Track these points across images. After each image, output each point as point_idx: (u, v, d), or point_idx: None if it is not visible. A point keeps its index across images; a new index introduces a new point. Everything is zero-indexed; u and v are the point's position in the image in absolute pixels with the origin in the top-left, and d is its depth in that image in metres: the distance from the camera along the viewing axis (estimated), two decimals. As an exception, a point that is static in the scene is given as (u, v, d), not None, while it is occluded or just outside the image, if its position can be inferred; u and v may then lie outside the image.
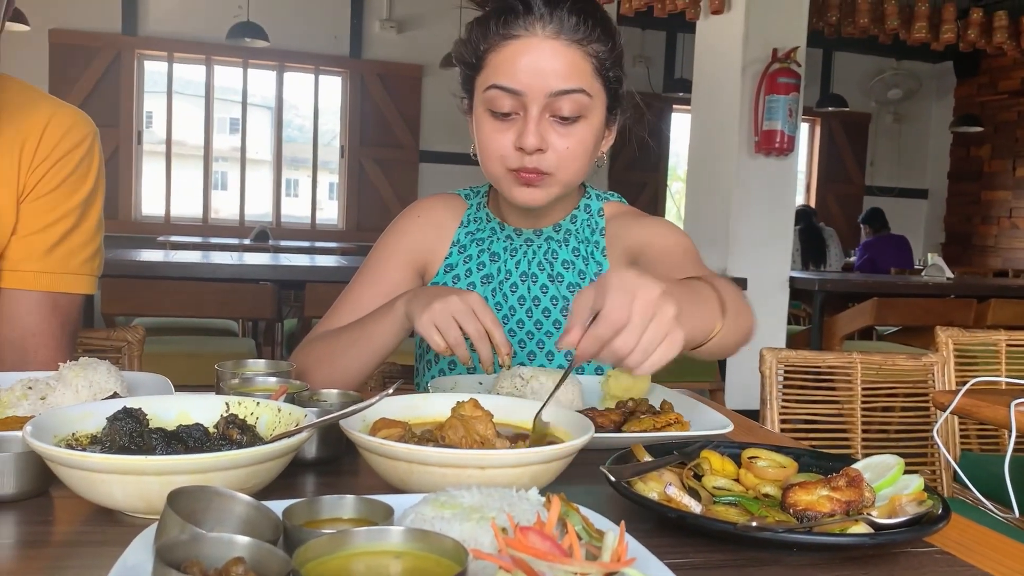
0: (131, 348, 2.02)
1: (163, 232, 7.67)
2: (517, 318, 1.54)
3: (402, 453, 0.82)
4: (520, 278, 1.55)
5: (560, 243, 1.56)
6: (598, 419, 1.18)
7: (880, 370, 2.49)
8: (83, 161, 1.54)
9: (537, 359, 1.52)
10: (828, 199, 10.18)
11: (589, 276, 1.55)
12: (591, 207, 1.59)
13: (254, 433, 0.91)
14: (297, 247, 6.90)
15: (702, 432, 1.16)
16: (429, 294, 1.27)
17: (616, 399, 1.33)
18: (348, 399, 1.18)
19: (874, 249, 8.22)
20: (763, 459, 1.02)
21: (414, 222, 1.60)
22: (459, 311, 1.22)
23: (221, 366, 1.28)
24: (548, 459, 0.85)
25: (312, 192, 8.57)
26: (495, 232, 1.58)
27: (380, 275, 1.55)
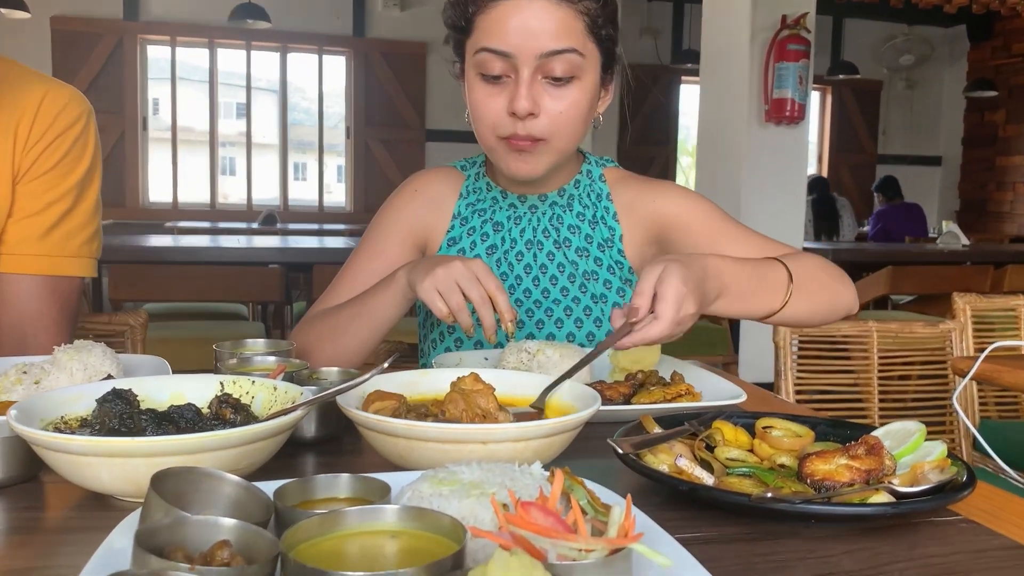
0: (134, 332, 2.00)
1: (171, 218, 7.65)
2: (524, 287, 1.50)
3: (400, 429, 0.79)
4: (525, 246, 1.52)
5: (564, 208, 1.53)
6: (607, 392, 1.14)
7: (897, 338, 2.44)
8: (78, 141, 1.51)
9: (545, 328, 1.49)
10: (840, 169, 10.07)
11: (597, 240, 1.51)
12: (592, 172, 1.56)
13: (248, 412, 0.88)
14: (305, 230, 6.88)
15: (714, 403, 1.12)
16: (431, 261, 1.24)
17: (625, 371, 1.30)
18: (348, 377, 1.15)
19: (887, 218, 8.14)
20: (778, 428, 0.98)
21: (411, 197, 1.56)
22: (462, 276, 1.19)
23: (219, 346, 1.25)
24: (553, 432, 0.81)
25: (319, 175, 8.53)
26: (497, 201, 1.54)
27: (378, 251, 1.51)
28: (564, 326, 1.49)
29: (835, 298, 1.35)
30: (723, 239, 1.43)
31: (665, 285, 1.06)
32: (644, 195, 1.51)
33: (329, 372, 1.16)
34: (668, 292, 1.06)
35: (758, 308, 1.24)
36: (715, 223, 1.46)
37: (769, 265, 1.28)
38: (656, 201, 1.50)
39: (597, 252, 1.51)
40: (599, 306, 1.49)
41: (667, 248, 1.49)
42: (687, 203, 1.49)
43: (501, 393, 1.00)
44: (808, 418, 1.00)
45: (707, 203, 1.50)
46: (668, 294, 1.06)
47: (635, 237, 1.51)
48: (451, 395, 0.88)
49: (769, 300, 1.25)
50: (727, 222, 1.47)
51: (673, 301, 1.05)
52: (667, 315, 1.05)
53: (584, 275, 1.50)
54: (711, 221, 1.46)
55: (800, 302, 1.27)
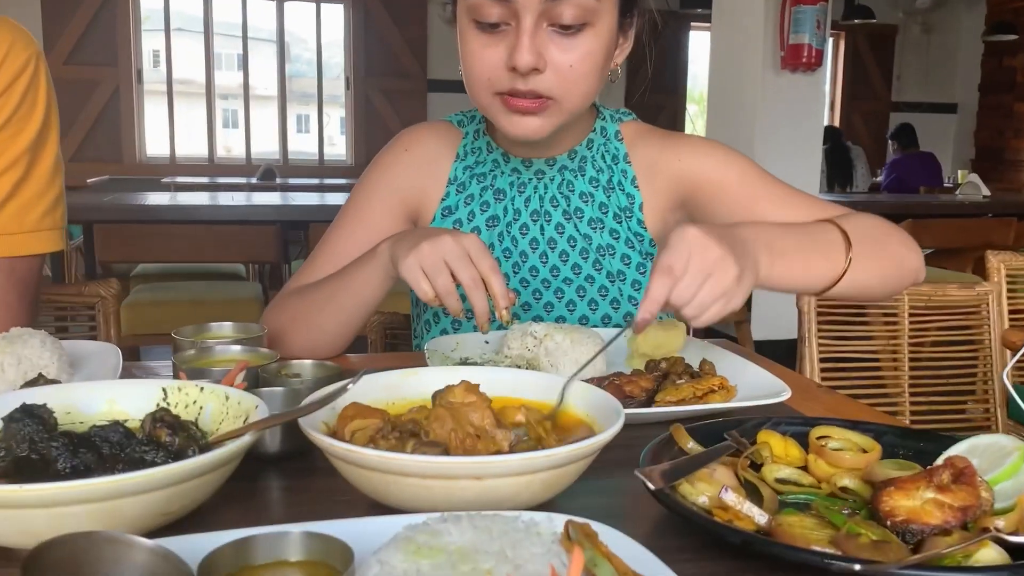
0: (106, 304, 1.84)
1: (168, 173, 7.46)
2: (530, 264, 1.32)
3: (374, 462, 0.63)
4: (531, 218, 1.32)
5: (575, 173, 1.33)
6: (626, 387, 0.97)
7: (930, 301, 2.27)
8: (27, 94, 1.32)
9: (555, 311, 1.31)
10: (853, 117, 9.79)
11: (613, 209, 1.32)
12: (607, 130, 1.35)
13: (189, 434, 0.71)
14: (305, 185, 6.67)
15: (754, 402, 0.95)
16: (418, 234, 1.07)
17: (645, 358, 1.13)
18: (325, 373, 0.98)
19: (901, 168, 7.90)
20: (836, 439, 0.81)
21: (400, 157, 1.37)
22: (451, 254, 1.02)
23: (178, 333, 1.09)
24: (563, 462, 0.65)
25: (319, 127, 8.30)
26: (498, 165, 1.35)
27: (361, 219, 1.33)
28: (576, 309, 1.31)
29: (901, 263, 1.18)
30: (764, 202, 1.25)
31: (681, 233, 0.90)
32: (667, 153, 1.31)
33: (302, 366, 0.99)
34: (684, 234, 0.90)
35: (814, 276, 1.07)
36: (753, 183, 1.27)
37: (820, 228, 1.11)
38: (682, 159, 1.30)
39: (613, 223, 1.32)
40: (616, 285, 1.31)
41: (696, 214, 1.30)
42: (719, 160, 1.29)
43: (500, 395, 0.84)
44: (870, 425, 0.84)
45: (742, 159, 1.30)
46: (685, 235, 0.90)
47: (658, 204, 1.32)
48: (437, 411, 0.71)
49: (826, 267, 1.07)
50: (767, 181, 1.28)
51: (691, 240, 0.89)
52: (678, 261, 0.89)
53: (598, 250, 1.31)
54: (748, 180, 1.27)
55: (862, 268, 1.09)
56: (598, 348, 1.07)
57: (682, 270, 0.88)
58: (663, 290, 0.88)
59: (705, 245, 0.89)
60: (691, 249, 0.89)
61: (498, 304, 1.03)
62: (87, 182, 6.41)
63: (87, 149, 7.55)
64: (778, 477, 0.77)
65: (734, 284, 0.90)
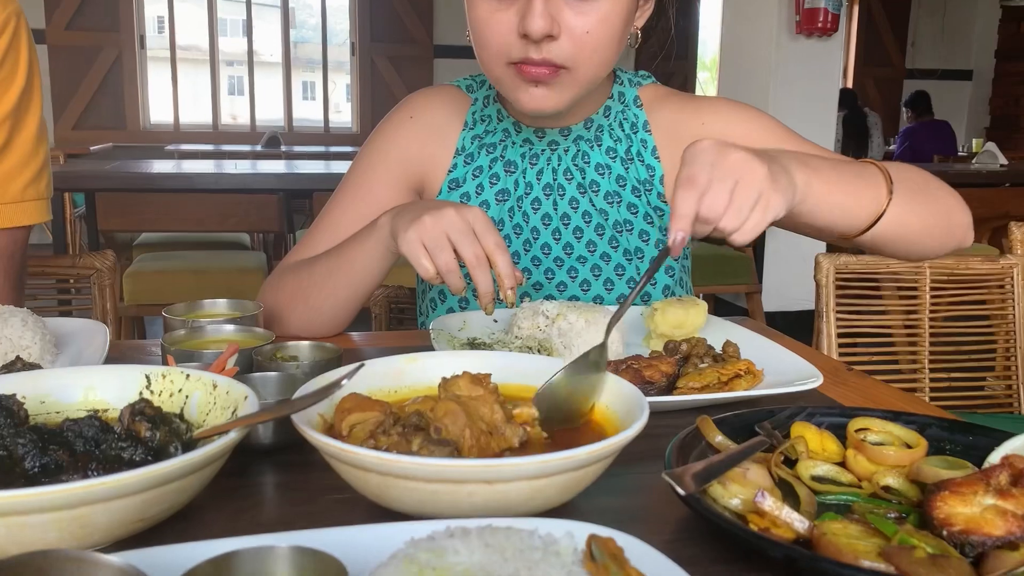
0: (101, 276, 1.77)
1: (172, 140, 7.37)
2: (542, 242, 1.24)
3: (373, 463, 0.56)
4: (544, 192, 1.25)
5: (591, 143, 1.25)
6: (645, 371, 0.91)
7: (952, 275, 2.20)
8: (7, 56, 1.25)
9: (568, 291, 1.24)
10: (866, 84, 9.62)
11: (631, 182, 1.24)
12: (625, 95, 1.27)
13: (172, 428, 0.65)
14: (310, 152, 6.59)
15: (781, 389, 0.89)
16: (420, 207, 1.00)
17: (664, 338, 1.06)
18: (324, 355, 0.92)
19: (915, 136, 7.77)
20: (876, 432, 0.75)
21: (404, 125, 1.29)
22: (455, 228, 0.95)
23: (169, 311, 1.03)
24: (581, 464, 0.58)
25: (324, 94, 8.18)
26: (509, 135, 1.27)
27: (363, 191, 1.25)
28: (591, 289, 1.24)
29: (949, 215, 1.08)
30: None
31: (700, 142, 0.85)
32: (688, 116, 1.24)
33: (299, 348, 0.93)
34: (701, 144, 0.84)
35: (854, 206, 0.97)
36: (782, 143, 1.19)
37: (860, 163, 1.02)
38: (705, 123, 1.22)
39: (631, 197, 1.24)
40: (633, 264, 1.24)
41: None
42: (744, 121, 1.21)
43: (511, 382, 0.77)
44: (913, 416, 0.77)
45: (767, 118, 1.22)
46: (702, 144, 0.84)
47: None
48: (446, 405, 0.65)
49: (867, 196, 0.98)
50: (797, 142, 1.20)
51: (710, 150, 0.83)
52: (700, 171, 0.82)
53: (615, 226, 1.24)
54: (778, 142, 1.19)
55: (907, 209, 1.00)
56: (616, 332, 1.00)
57: (707, 179, 0.81)
58: (690, 202, 0.80)
59: (724, 150, 0.82)
60: (711, 157, 0.82)
61: (503, 284, 0.96)
62: (90, 149, 6.34)
63: (90, 116, 7.46)
64: (815, 475, 0.70)
65: (767, 183, 0.82)
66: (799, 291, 4.88)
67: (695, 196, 0.81)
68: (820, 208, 0.93)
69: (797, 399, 0.89)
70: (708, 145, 0.83)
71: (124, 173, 3.82)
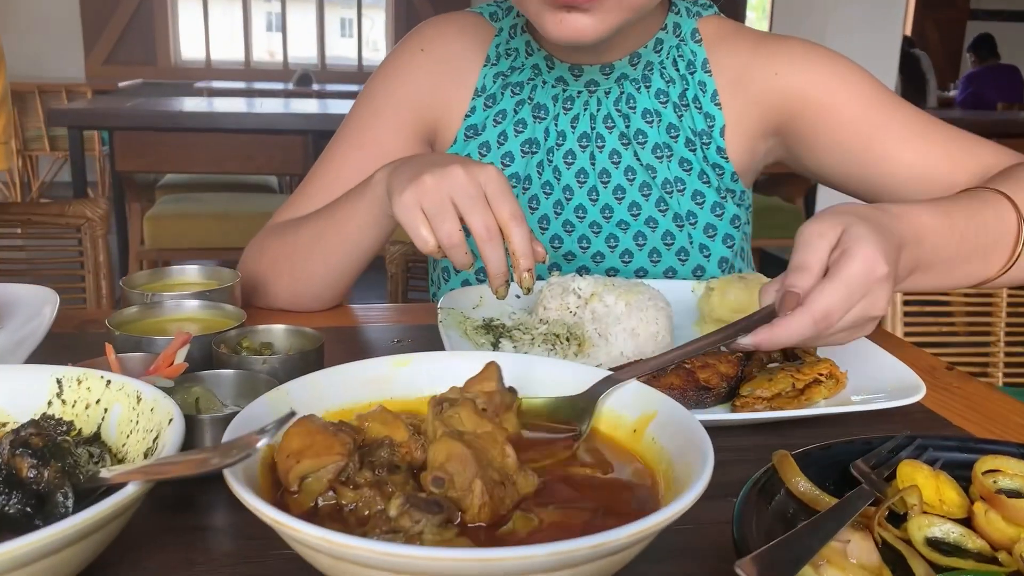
0: (92, 227, 1.62)
1: (203, 78, 7.20)
2: (576, 203, 1.05)
3: (319, 544, 0.39)
4: (579, 143, 1.05)
5: (639, 84, 1.04)
6: (700, 373, 0.73)
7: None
8: None
9: (606, 262, 1.05)
10: (927, 26, 9.15)
11: (685, 133, 1.04)
12: (681, 28, 1.05)
13: (64, 464, 0.48)
14: (342, 92, 6.37)
15: (875, 404, 0.70)
16: (420, 162, 0.81)
17: (721, 324, 0.88)
18: (302, 344, 0.75)
19: (979, 81, 7.35)
20: (1011, 475, 0.56)
21: (414, 60, 1.09)
22: (461, 191, 0.76)
23: (127, 282, 0.86)
24: (616, 549, 0.41)
25: (358, 31, 7.93)
26: (539, 72, 1.06)
27: (365, 138, 1.06)
28: (633, 260, 1.05)
29: None
30: (888, 136, 0.97)
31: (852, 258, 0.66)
32: (760, 61, 1.02)
33: (271, 333, 0.76)
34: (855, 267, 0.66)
35: (963, 280, 0.85)
36: (874, 107, 0.98)
37: (990, 207, 0.82)
38: (780, 72, 1.01)
39: (685, 151, 1.04)
40: (685, 231, 1.04)
41: (794, 147, 1.03)
42: (830, 74, 1.00)
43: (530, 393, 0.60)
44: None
45: (859, 72, 1.01)
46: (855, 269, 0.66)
47: (744, 128, 1.04)
48: (447, 445, 0.47)
49: (982, 268, 0.84)
50: (893, 105, 0.99)
51: (861, 279, 0.66)
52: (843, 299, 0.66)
53: (664, 185, 1.04)
54: (868, 103, 0.98)
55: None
56: (662, 316, 0.82)
57: (841, 314, 0.67)
58: (807, 330, 0.66)
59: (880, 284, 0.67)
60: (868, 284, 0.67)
61: (517, 265, 0.77)
62: (118, 86, 6.20)
63: (120, 52, 7.31)
64: (931, 537, 0.52)
65: (882, 311, 0.69)
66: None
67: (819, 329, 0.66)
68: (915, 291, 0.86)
69: (893, 417, 0.71)
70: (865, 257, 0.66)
71: (144, 112, 3.66)
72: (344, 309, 1.03)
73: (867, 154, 0.97)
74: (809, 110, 1.00)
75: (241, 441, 0.42)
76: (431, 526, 0.43)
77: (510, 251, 0.77)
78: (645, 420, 0.56)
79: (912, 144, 0.97)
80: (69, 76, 6.90)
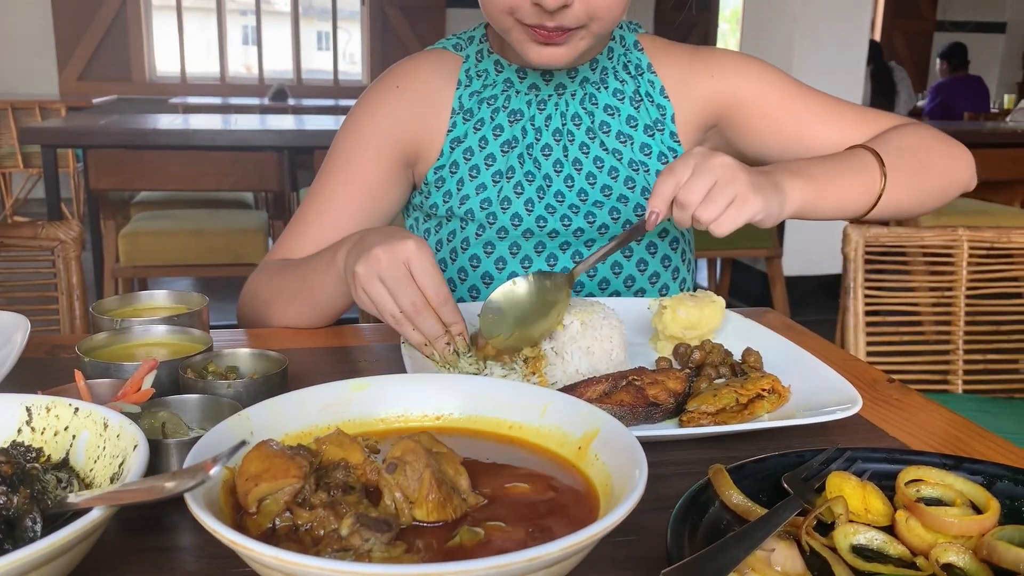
0: (66, 249, 1.64)
1: (179, 93, 7.20)
2: (555, 189, 1.15)
3: (270, 562, 0.42)
4: (553, 137, 1.15)
5: (598, 85, 1.17)
6: (649, 390, 0.76)
7: (992, 249, 2.02)
8: None
9: (585, 235, 1.15)
10: (895, 36, 9.29)
11: (643, 122, 1.17)
12: (625, 39, 1.20)
13: (34, 491, 0.51)
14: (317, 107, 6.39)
15: (813, 418, 0.74)
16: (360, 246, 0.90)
17: (674, 340, 0.91)
18: (267, 368, 0.78)
19: (947, 91, 7.47)
20: (932, 484, 0.60)
21: (390, 95, 1.17)
22: (386, 273, 0.85)
23: (97, 308, 0.88)
24: (547, 563, 0.44)
25: (333, 45, 7.96)
26: (511, 85, 1.16)
27: (353, 170, 1.14)
28: (609, 231, 1.16)
29: (947, 176, 1.13)
30: (809, 118, 1.14)
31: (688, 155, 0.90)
32: (698, 67, 1.18)
33: (238, 358, 0.79)
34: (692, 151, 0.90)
35: (848, 198, 1.03)
36: (795, 98, 1.15)
37: (850, 153, 1.07)
38: (715, 75, 1.17)
39: (644, 136, 1.17)
40: None
41: (733, 138, 1.19)
42: (755, 75, 1.17)
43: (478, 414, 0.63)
44: (978, 464, 0.62)
45: (778, 73, 1.18)
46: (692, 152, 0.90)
47: (691, 118, 1.18)
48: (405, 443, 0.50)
49: (860, 187, 1.03)
50: (810, 95, 1.16)
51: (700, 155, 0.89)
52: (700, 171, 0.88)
53: (631, 164, 1.16)
54: (789, 95, 1.15)
55: (900, 188, 1.05)
56: (615, 333, 0.86)
57: (687, 172, 0.87)
58: (669, 186, 0.87)
59: (709, 154, 0.88)
60: (695, 158, 0.88)
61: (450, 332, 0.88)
62: (92, 102, 6.18)
63: (94, 68, 7.28)
64: (856, 544, 0.56)
65: (745, 187, 0.87)
66: (821, 255, 4.71)
67: (673, 182, 0.87)
68: (818, 210, 0.99)
69: (831, 429, 0.75)
70: (697, 150, 0.89)
71: (118, 129, 3.66)
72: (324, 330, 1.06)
73: (793, 134, 1.14)
74: (743, 106, 1.16)
75: (196, 468, 0.45)
76: (380, 544, 0.46)
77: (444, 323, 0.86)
78: (588, 437, 0.59)
79: (828, 122, 1.14)
80: (43, 92, 6.88)
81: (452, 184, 1.14)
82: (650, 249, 1.17)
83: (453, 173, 1.14)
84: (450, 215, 1.14)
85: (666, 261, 1.19)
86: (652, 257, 1.17)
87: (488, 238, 1.13)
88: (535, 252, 1.14)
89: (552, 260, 1.15)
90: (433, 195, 1.16)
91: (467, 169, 1.14)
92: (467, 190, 1.13)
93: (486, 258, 1.14)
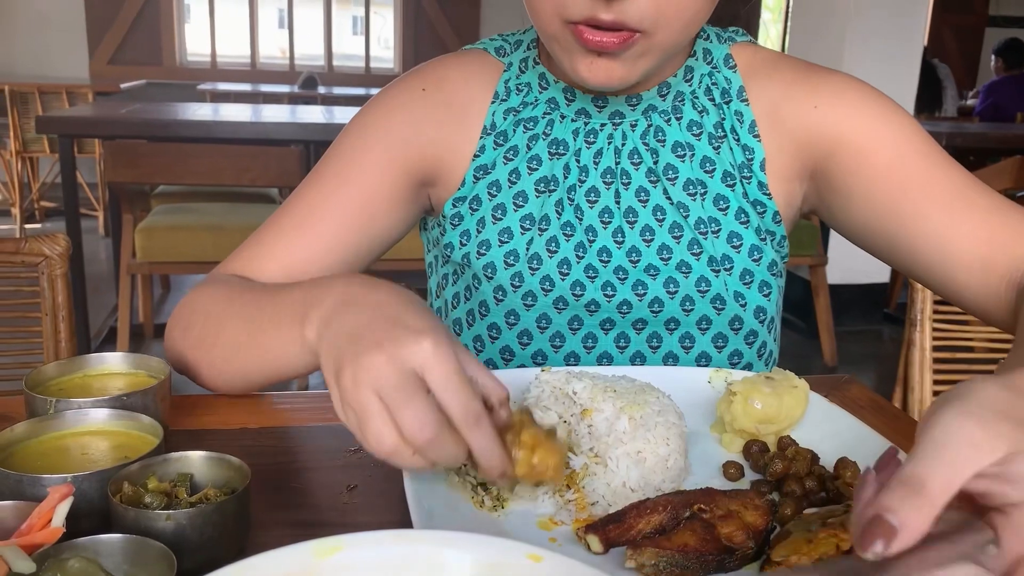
0: (51, 265, 1.48)
1: (208, 78, 7.09)
2: (600, 245, 0.91)
3: None
4: (603, 179, 0.92)
5: (668, 116, 0.92)
6: (721, 528, 0.58)
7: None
8: None
9: (633, 312, 0.91)
10: (943, 32, 8.96)
11: (722, 167, 0.92)
12: (712, 54, 0.94)
13: None
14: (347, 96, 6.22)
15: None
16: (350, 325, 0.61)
17: (745, 436, 0.73)
18: (228, 475, 0.61)
19: (1000, 91, 7.13)
20: None
21: (413, 97, 0.95)
22: (386, 385, 0.55)
23: (31, 381, 0.72)
24: None
25: (365, 32, 7.79)
26: (556, 107, 0.94)
27: (349, 175, 0.91)
28: (664, 309, 0.91)
29: None
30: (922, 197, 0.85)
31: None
32: (802, 93, 0.91)
33: (192, 461, 0.61)
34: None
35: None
36: (913, 162, 0.86)
37: None
38: (820, 105, 0.90)
39: (721, 187, 0.92)
40: (720, 278, 0.92)
41: (826, 193, 0.92)
42: (873, 115, 0.89)
43: None
44: None
45: (906, 119, 0.88)
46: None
47: (781, 164, 0.92)
48: None
49: None
50: (933, 161, 0.86)
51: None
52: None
53: (697, 225, 0.91)
54: (908, 156, 0.86)
55: None
56: (675, 435, 0.67)
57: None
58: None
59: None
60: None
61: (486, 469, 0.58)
62: (120, 87, 6.07)
63: (125, 51, 7.18)
64: None
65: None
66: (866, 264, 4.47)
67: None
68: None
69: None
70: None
71: (136, 120, 3.52)
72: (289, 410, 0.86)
73: (898, 208, 0.85)
74: (845, 152, 0.88)
75: None
76: None
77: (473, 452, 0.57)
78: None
79: (947, 208, 0.84)
80: (73, 76, 6.79)
81: (472, 223, 0.93)
82: (734, 324, 0.92)
83: (474, 210, 0.93)
84: (466, 264, 0.93)
85: (751, 338, 0.93)
86: (735, 334, 0.92)
87: (511, 304, 0.91)
88: (569, 330, 0.92)
89: (591, 342, 0.92)
90: (449, 233, 0.94)
91: (491, 207, 0.92)
92: (488, 234, 0.92)
93: (507, 329, 0.91)
